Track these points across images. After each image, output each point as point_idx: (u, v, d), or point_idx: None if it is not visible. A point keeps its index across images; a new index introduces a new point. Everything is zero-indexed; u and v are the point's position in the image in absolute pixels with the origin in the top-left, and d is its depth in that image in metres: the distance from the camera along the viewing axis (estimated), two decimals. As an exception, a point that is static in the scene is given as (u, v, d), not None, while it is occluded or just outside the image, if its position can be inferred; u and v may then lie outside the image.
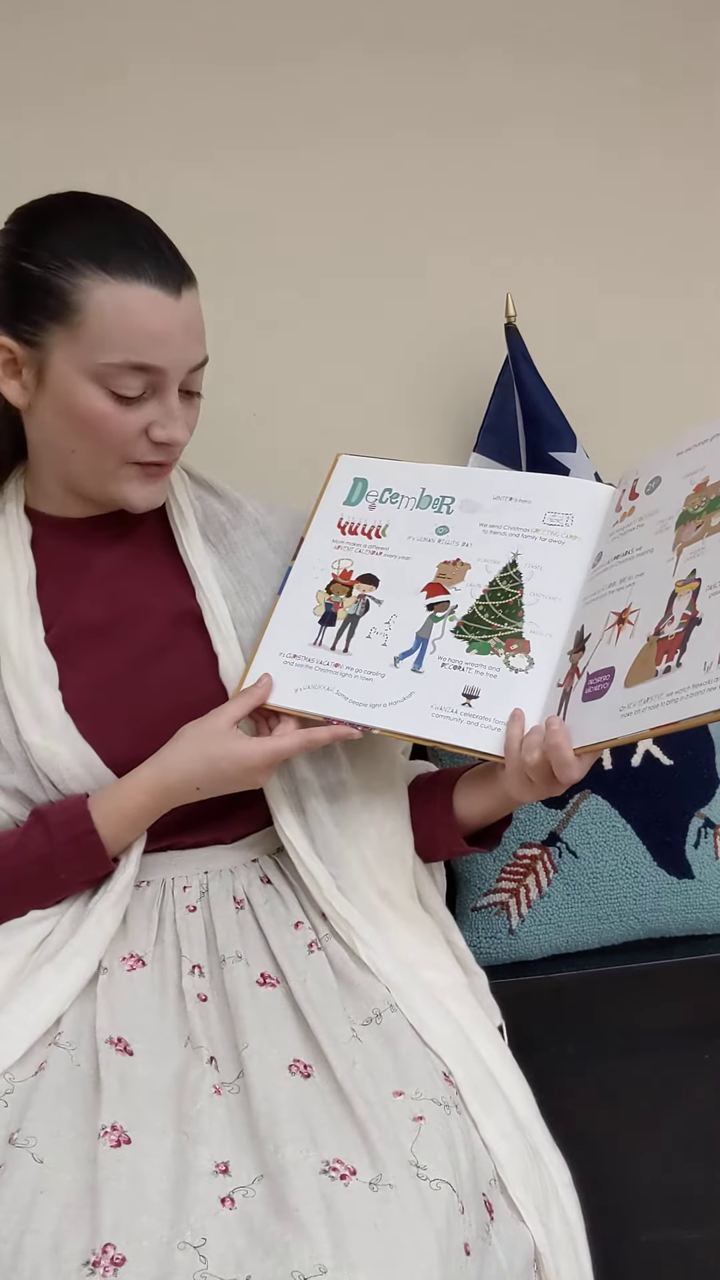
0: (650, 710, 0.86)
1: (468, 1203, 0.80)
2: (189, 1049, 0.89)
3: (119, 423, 0.97)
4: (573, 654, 0.97)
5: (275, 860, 1.07)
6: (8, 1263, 0.72)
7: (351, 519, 1.10)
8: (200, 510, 1.12)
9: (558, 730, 0.91)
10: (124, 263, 0.94)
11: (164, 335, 0.95)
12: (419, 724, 0.98)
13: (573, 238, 1.63)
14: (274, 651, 1.04)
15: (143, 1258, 0.72)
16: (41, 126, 1.44)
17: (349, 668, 1.02)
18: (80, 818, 0.96)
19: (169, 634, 1.05)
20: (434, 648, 1.01)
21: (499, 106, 1.60)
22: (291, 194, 1.54)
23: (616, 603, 0.96)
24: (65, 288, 0.94)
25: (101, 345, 0.94)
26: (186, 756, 0.97)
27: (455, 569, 1.04)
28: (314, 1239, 0.72)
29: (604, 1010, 1.25)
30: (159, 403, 0.98)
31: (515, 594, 1.01)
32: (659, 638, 0.90)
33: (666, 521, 0.97)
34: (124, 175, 1.44)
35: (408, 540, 1.07)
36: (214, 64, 1.50)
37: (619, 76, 1.64)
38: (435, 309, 1.58)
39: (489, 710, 0.97)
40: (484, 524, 1.05)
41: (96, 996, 0.91)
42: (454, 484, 1.09)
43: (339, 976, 0.96)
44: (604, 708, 0.91)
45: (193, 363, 0.99)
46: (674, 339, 1.65)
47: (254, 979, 0.94)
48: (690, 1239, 1.21)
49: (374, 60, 1.56)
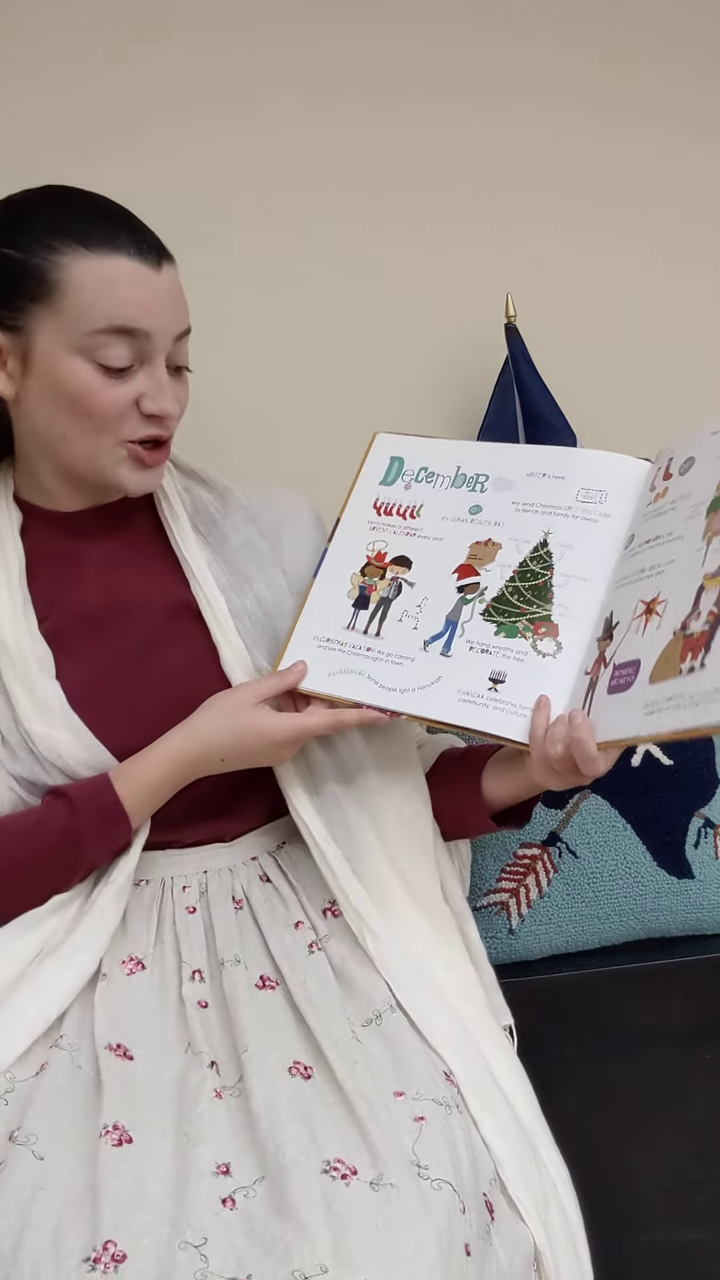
0: (674, 711, 0.84)
1: (469, 1203, 0.80)
2: (189, 1054, 0.88)
3: (109, 396, 0.96)
4: (601, 641, 0.95)
5: (275, 858, 1.06)
6: (8, 1258, 0.72)
7: (387, 499, 1.09)
8: (189, 502, 1.11)
9: (581, 725, 0.90)
10: (102, 237, 0.94)
11: (146, 302, 0.95)
12: (445, 709, 0.96)
13: (573, 237, 1.63)
14: (308, 635, 1.03)
15: (143, 1255, 0.72)
16: (40, 107, 1.45)
17: (380, 652, 1.01)
18: (104, 789, 0.96)
19: (167, 626, 1.05)
20: (463, 631, 0.99)
21: (499, 107, 1.60)
22: (291, 194, 1.54)
23: (645, 591, 0.94)
24: (44, 266, 0.94)
25: (84, 315, 0.94)
26: (213, 726, 0.97)
27: (487, 549, 1.02)
28: (315, 1238, 0.72)
29: (604, 1010, 1.24)
30: (147, 374, 0.98)
31: (545, 575, 0.99)
32: (685, 634, 0.87)
33: (698, 507, 0.94)
34: (120, 169, 1.44)
35: (441, 521, 1.05)
36: (210, 62, 1.50)
37: (620, 76, 1.64)
38: (435, 309, 1.58)
39: (515, 696, 0.95)
40: (516, 502, 1.03)
41: (95, 1004, 0.91)
42: (489, 461, 1.07)
43: (339, 977, 0.96)
44: (628, 703, 0.89)
45: (176, 329, 0.99)
46: (675, 338, 1.65)
47: (253, 982, 0.94)
48: (690, 1239, 1.21)
49: (373, 58, 1.56)
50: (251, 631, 1.05)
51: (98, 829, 0.96)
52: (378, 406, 1.56)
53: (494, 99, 1.60)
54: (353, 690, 1.00)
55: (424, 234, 1.58)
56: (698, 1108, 1.23)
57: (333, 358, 1.55)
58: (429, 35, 1.58)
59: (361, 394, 1.55)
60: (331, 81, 1.54)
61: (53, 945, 0.94)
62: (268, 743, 0.97)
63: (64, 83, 1.46)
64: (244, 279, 1.52)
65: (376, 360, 1.56)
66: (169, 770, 0.97)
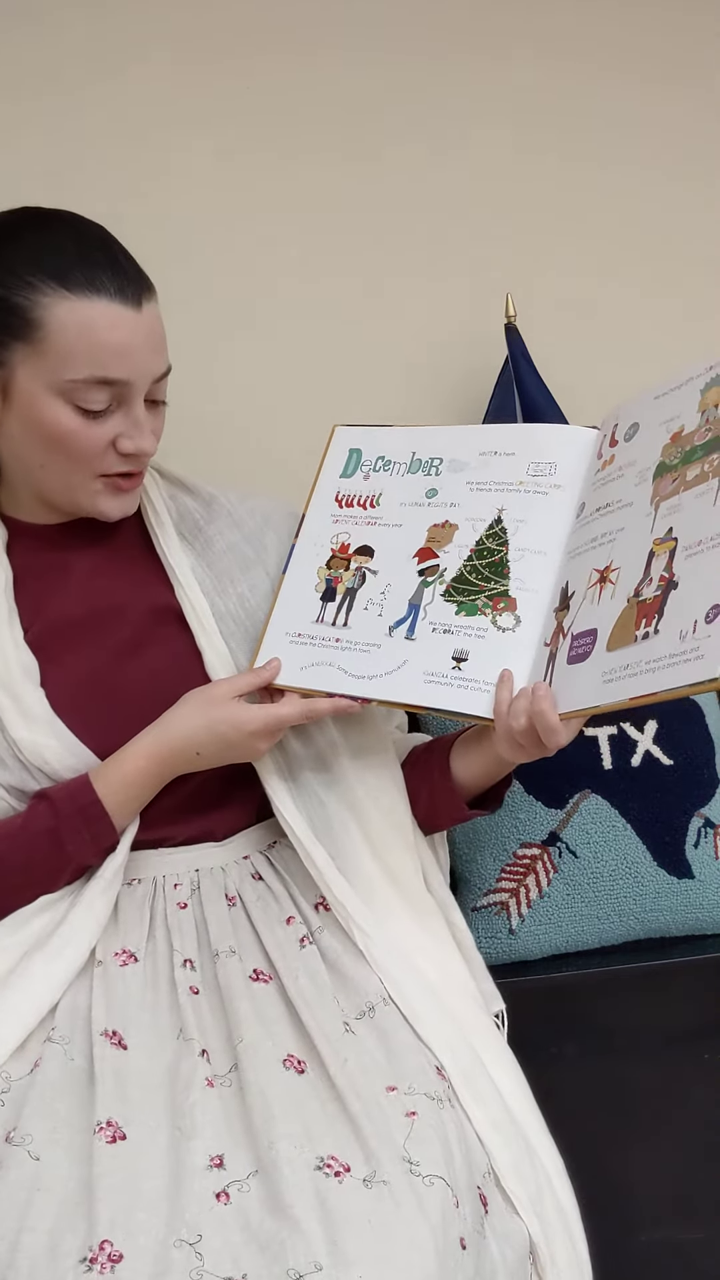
0: (630, 678, 0.86)
1: (462, 1197, 0.80)
2: (180, 1041, 0.89)
3: (86, 437, 0.98)
4: (558, 612, 0.97)
5: (266, 856, 1.07)
6: (5, 1261, 0.72)
7: (348, 491, 1.10)
8: (174, 509, 1.13)
9: (543, 697, 0.91)
10: (82, 279, 0.95)
11: (127, 349, 0.96)
12: (412, 691, 0.98)
13: (573, 238, 1.63)
14: (280, 631, 1.05)
15: (139, 1254, 0.72)
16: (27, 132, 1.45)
17: (349, 641, 1.02)
18: (83, 789, 0.97)
19: (149, 629, 1.06)
20: (425, 613, 1.00)
21: (499, 106, 1.60)
22: (291, 193, 1.54)
23: (598, 559, 0.95)
24: (25, 305, 0.94)
25: (65, 362, 0.95)
26: (188, 720, 0.98)
27: (444, 531, 1.04)
28: (309, 1237, 0.73)
29: (604, 1010, 1.25)
30: (124, 414, 1.00)
31: (501, 551, 1.01)
32: (638, 600, 0.89)
33: (644, 473, 0.95)
34: (115, 169, 1.44)
35: (400, 507, 1.07)
36: (201, 52, 1.50)
37: (620, 77, 1.64)
38: (435, 309, 1.58)
39: (478, 672, 0.96)
40: (470, 482, 1.05)
41: (92, 988, 0.91)
42: (442, 444, 1.08)
43: (331, 969, 0.96)
44: (588, 672, 0.90)
45: (156, 374, 1.00)
46: (675, 338, 1.65)
47: (247, 974, 0.95)
48: (690, 1239, 1.21)
49: (370, 54, 1.56)
50: (235, 633, 1.07)
51: (79, 828, 0.96)
52: (377, 406, 1.56)
53: (495, 98, 1.60)
54: (324, 681, 1.01)
55: (424, 234, 1.58)
56: (698, 1108, 1.23)
57: (333, 357, 1.55)
58: (430, 34, 1.57)
59: (361, 394, 1.55)
60: (332, 80, 1.54)
61: (41, 939, 0.95)
62: (243, 734, 0.98)
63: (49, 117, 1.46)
64: (243, 279, 1.52)
65: (376, 360, 1.56)
66: (146, 765, 0.98)
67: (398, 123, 1.57)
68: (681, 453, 0.93)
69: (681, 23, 1.66)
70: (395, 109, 1.57)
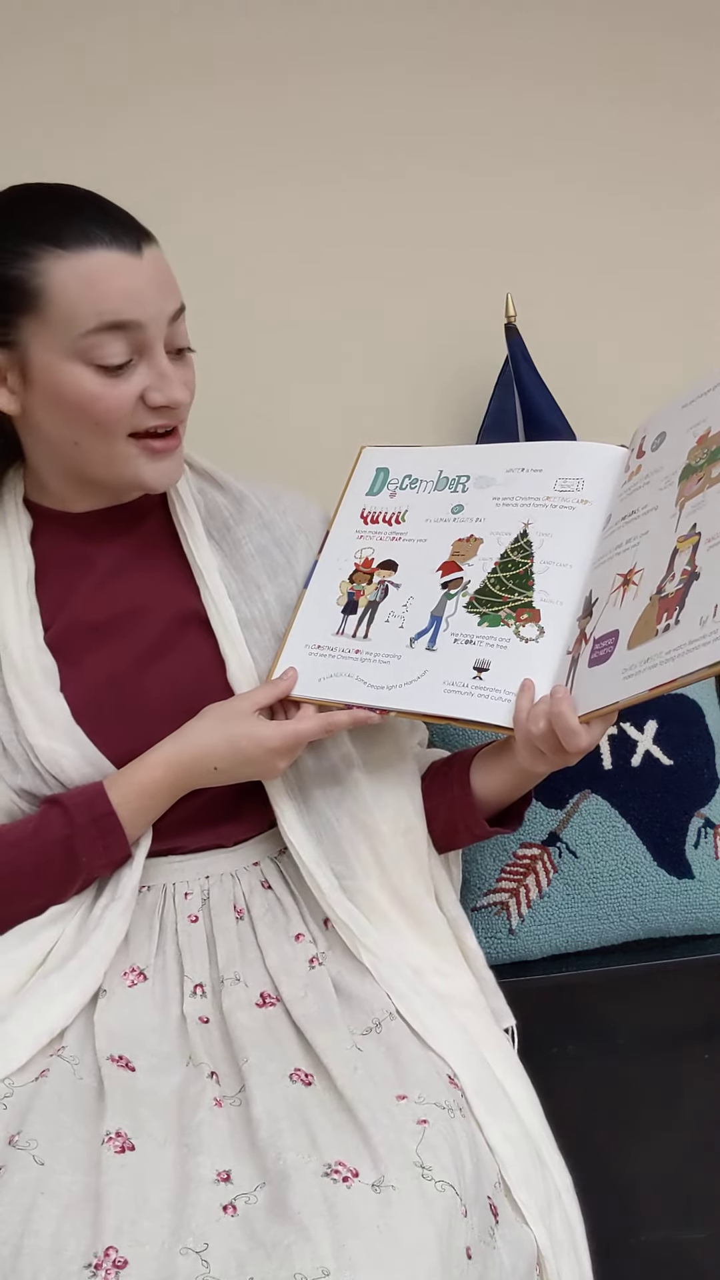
0: (649, 670, 0.85)
1: (471, 1206, 0.80)
2: (190, 1067, 0.88)
3: (112, 397, 0.94)
4: (581, 620, 0.96)
5: (276, 864, 1.06)
6: (8, 1264, 0.72)
7: (373, 508, 1.11)
8: (203, 505, 1.10)
9: (562, 698, 0.90)
10: (76, 233, 0.92)
11: (131, 290, 0.93)
12: (432, 701, 0.97)
13: (573, 237, 1.62)
14: (300, 643, 1.04)
15: (144, 1262, 0.72)
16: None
17: (368, 653, 1.02)
18: (98, 798, 0.95)
19: (172, 634, 1.03)
20: (447, 625, 1.00)
21: (499, 105, 1.60)
22: (291, 193, 1.54)
23: (622, 564, 0.95)
24: (23, 276, 0.92)
25: (73, 319, 0.92)
26: (207, 734, 0.97)
27: (469, 545, 1.04)
28: (316, 1241, 0.72)
29: (604, 1010, 1.25)
30: (148, 366, 0.96)
31: (525, 563, 1.01)
32: (660, 596, 0.88)
33: (670, 477, 0.95)
34: (117, 161, 1.44)
35: (425, 523, 1.07)
36: (211, 63, 1.50)
37: (621, 77, 1.64)
38: (435, 309, 1.58)
39: (499, 682, 0.96)
40: (496, 498, 1.05)
41: (99, 1018, 0.90)
42: (470, 462, 1.09)
43: (339, 991, 0.95)
44: (608, 672, 0.89)
45: (168, 312, 0.96)
46: (675, 338, 1.65)
47: (253, 1001, 0.94)
48: (690, 1239, 1.21)
49: (372, 59, 1.55)
50: (260, 642, 1.05)
51: (93, 839, 0.95)
52: (378, 407, 1.56)
53: (495, 98, 1.60)
54: (342, 692, 1.00)
55: (424, 234, 1.58)
56: (698, 1108, 1.23)
57: (333, 357, 1.55)
58: (431, 33, 1.57)
59: (361, 394, 1.55)
60: (333, 80, 1.54)
61: (58, 960, 0.93)
62: (263, 749, 0.96)
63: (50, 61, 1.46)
64: (243, 279, 1.52)
65: (376, 360, 1.56)
66: (163, 776, 0.96)
67: (399, 122, 1.57)
68: (707, 453, 0.92)
69: (673, 29, 1.66)
70: (396, 110, 1.56)
